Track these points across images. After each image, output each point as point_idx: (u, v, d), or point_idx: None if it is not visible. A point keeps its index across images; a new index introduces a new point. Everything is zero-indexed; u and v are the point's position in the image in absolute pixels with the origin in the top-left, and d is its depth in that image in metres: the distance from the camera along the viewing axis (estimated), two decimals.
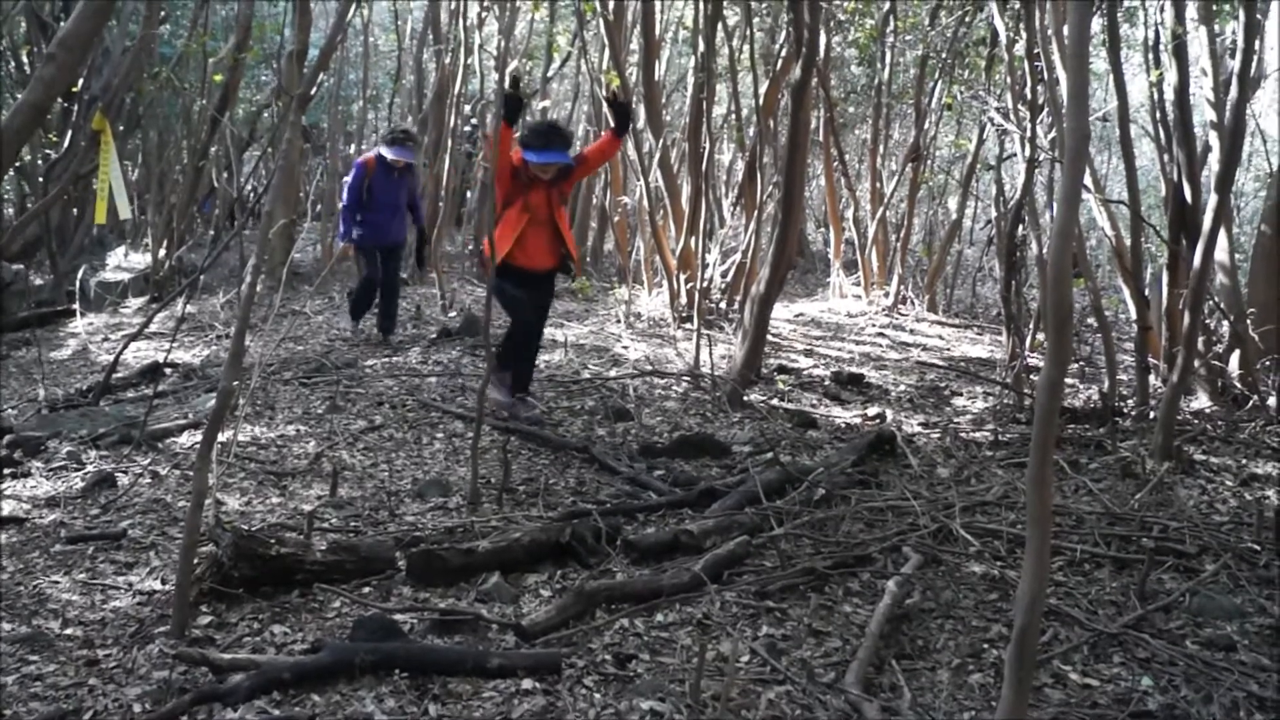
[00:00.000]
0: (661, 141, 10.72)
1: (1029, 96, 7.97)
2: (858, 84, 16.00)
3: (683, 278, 10.67)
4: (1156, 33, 8.10)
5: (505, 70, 6.63)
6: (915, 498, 5.44)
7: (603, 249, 16.92)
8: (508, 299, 6.79)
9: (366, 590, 4.29)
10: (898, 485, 5.87)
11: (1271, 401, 7.32)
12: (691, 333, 9.17)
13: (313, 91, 4.95)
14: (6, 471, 5.64)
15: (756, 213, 10.08)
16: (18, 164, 11.74)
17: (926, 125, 13.41)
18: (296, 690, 3.43)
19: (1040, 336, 8.33)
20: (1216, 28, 7.70)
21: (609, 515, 5.07)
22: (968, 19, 12.20)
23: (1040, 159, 8.07)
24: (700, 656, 3.51)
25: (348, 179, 9.24)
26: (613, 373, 8.50)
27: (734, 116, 12.50)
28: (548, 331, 9.70)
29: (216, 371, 7.80)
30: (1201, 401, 7.65)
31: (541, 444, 6.46)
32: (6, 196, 14.88)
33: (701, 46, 9.47)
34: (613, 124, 6.86)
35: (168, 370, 8.02)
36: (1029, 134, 7.75)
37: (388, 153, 8.88)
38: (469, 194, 17.28)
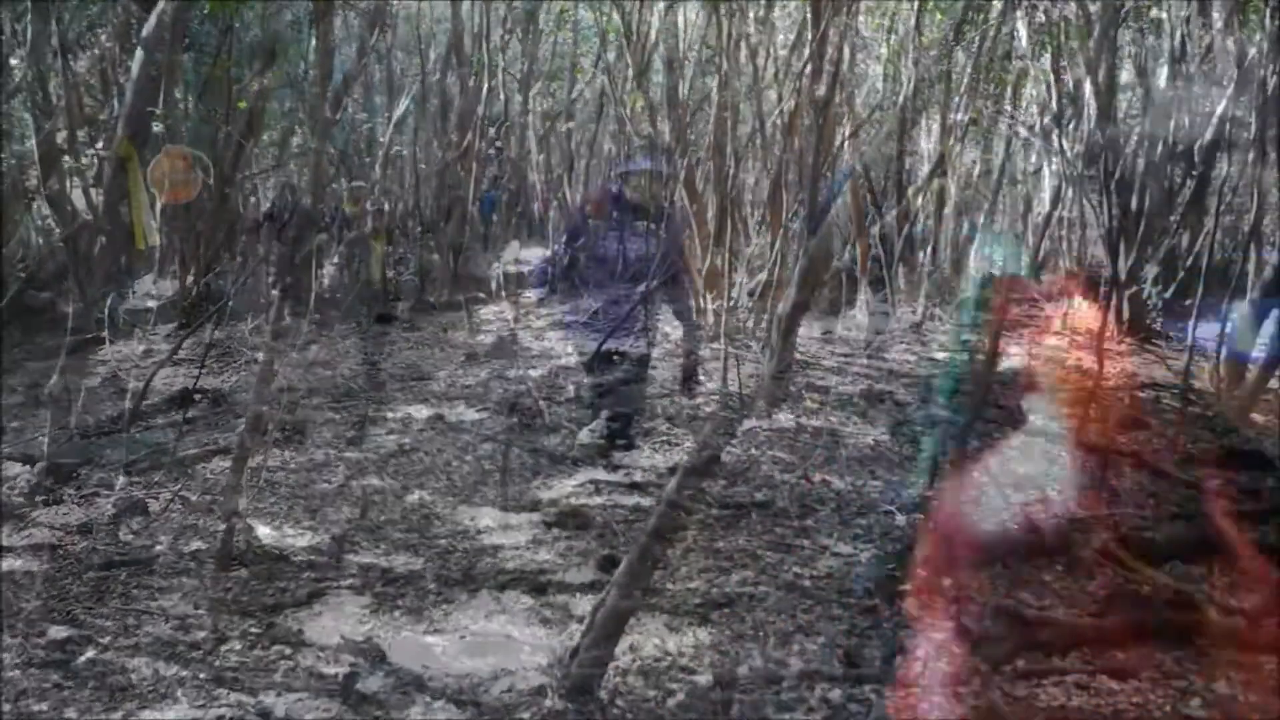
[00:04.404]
0: (686, 161, 10.71)
1: (1055, 110, 7.94)
2: (883, 100, 15.98)
3: (709, 297, 10.63)
4: (1183, 42, 8.06)
5: (529, 92, 6.18)
6: None
7: None
8: None
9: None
10: None
11: None
12: (719, 351, 9.12)
13: (337, 116, 4.97)
14: (38, 499, 5.66)
15: (782, 231, 10.04)
16: (45, 193, 11.81)
17: (952, 141, 13.36)
18: None
19: None
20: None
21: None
22: (992, 34, 12.18)
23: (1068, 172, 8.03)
24: None
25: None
26: None
27: (758, 135, 12.49)
28: None
29: (246, 397, 7.81)
30: None
31: None
32: (36, 225, 15.01)
33: (725, 65, 9.46)
34: None
35: (197, 397, 8.04)
36: (1055, 148, 7.70)
37: None
38: (494, 216, 17.40)
